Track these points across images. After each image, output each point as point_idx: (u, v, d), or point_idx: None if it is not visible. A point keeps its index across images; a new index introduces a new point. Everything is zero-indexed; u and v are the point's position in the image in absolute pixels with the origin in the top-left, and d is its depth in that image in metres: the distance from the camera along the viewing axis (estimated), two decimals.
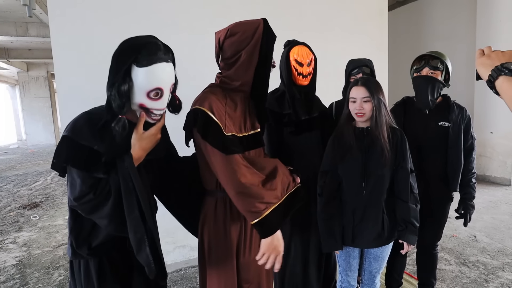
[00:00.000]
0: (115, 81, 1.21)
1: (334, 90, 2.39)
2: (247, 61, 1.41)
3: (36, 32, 9.04)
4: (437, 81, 2.04)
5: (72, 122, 1.23)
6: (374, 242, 1.81)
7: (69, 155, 1.19)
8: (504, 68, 0.85)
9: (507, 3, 5.19)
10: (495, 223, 4.00)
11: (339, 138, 1.81)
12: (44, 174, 8.69)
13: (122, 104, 1.21)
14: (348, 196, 1.80)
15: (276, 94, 1.99)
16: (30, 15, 5.75)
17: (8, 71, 15.24)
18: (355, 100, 1.73)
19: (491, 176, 5.69)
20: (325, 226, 1.82)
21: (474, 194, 2.16)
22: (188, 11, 3.04)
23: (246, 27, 1.41)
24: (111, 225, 1.24)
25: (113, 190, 1.22)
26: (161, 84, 1.25)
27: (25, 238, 4.31)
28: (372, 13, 3.97)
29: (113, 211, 1.22)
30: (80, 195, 1.19)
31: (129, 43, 1.25)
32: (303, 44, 1.91)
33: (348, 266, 1.91)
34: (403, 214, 1.77)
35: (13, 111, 19.86)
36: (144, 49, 1.21)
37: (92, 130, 1.22)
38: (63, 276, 3.21)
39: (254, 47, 1.39)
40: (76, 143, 1.19)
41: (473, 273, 2.90)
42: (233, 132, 1.41)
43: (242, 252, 1.51)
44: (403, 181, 1.77)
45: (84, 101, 2.70)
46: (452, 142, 2.07)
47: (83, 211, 1.23)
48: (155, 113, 1.29)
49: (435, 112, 2.10)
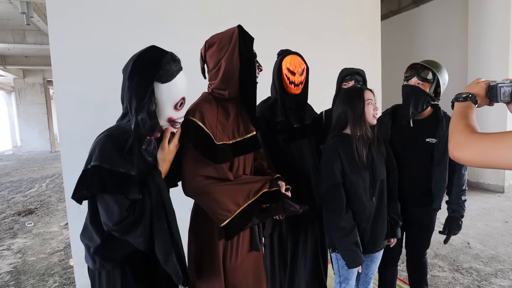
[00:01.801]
0: (144, 104, 1.21)
1: (327, 99, 2.42)
2: (229, 68, 1.44)
3: (33, 40, 9.07)
4: (423, 93, 1.94)
5: (99, 150, 1.21)
6: (381, 245, 1.86)
7: (103, 183, 1.18)
8: (455, 97, 1.08)
9: (498, 11, 5.29)
10: (488, 230, 4.04)
11: (346, 148, 1.76)
12: (39, 181, 8.65)
13: (154, 125, 1.25)
14: (360, 206, 1.76)
15: (268, 102, 2.02)
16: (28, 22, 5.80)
17: (4, 77, 15.20)
18: (370, 102, 1.74)
19: (485, 183, 5.74)
20: (347, 241, 1.73)
21: (463, 213, 2.03)
22: (185, 20, 3.09)
23: (222, 35, 1.47)
24: (146, 243, 1.27)
25: (147, 208, 1.25)
26: (184, 93, 1.31)
27: (19, 245, 4.29)
28: (366, 22, 4.05)
29: (147, 229, 1.25)
30: (121, 218, 1.20)
31: (144, 61, 1.24)
32: (296, 54, 1.94)
33: (350, 274, 1.86)
34: (395, 210, 1.89)
35: (8, 117, 19.76)
36: (163, 65, 1.23)
37: (122, 155, 1.21)
38: (58, 283, 3.20)
39: (232, 52, 1.43)
40: (108, 171, 1.19)
41: (466, 280, 2.92)
42: (224, 141, 1.46)
43: (229, 257, 1.53)
44: (393, 181, 1.90)
45: (82, 107, 2.74)
46: (437, 159, 1.99)
47: (121, 233, 1.24)
48: (178, 122, 1.34)
49: (422, 126, 2.03)
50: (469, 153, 0.87)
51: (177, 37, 3.05)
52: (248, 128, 1.56)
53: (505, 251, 3.45)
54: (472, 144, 0.87)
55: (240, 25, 1.47)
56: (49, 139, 15.71)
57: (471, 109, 1.01)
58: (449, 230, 2.03)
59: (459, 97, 1.07)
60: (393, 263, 2.23)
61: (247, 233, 1.60)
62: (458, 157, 0.89)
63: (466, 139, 0.89)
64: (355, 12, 3.97)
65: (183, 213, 1.66)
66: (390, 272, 2.26)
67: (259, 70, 1.57)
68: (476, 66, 5.66)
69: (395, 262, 2.25)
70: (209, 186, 1.41)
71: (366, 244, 1.79)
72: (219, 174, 1.44)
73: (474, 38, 5.68)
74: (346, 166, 1.74)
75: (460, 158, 0.89)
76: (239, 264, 1.53)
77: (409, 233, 2.18)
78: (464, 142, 0.89)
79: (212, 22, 3.17)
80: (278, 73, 1.93)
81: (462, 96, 1.06)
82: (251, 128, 1.57)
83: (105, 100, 2.76)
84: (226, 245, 1.53)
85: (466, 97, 1.05)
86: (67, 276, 3.33)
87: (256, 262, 1.66)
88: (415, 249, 2.22)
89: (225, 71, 1.45)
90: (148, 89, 1.21)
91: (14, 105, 17.62)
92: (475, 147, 0.86)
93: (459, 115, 1.00)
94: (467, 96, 1.05)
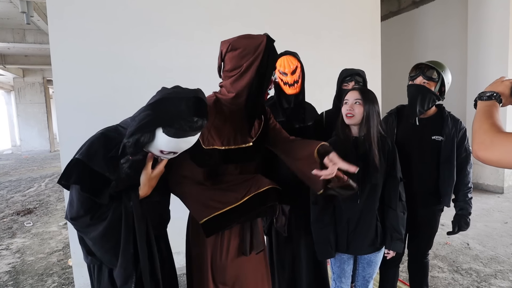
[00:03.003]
0: (137, 134, 1.17)
1: (327, 99, 2.42)
2: (243, 76, 1.40)
3: (33, 39, 9.07)
4: (429, 92, 1.99)
5: (88, 145, 1.24)
6: (368, 248, 1.85)
7: (78, 177, 1.20)
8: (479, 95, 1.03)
9: (497, 12, 5.30)
10: (487, 230, 4.04)
11: (334, 147, 1.81)
12: (38, 180, 8.64)
13: (135, 152, 1.20)
14: (344, 204, 1.82)
15: (270, 102, 2.03)
16: (28, 22, 5.79)
17: (4, 76, 15.18)
18: (347, 102, 1.79)
19: (484, 184, 5.74)
20: (320, 234, 1.85)
21: (470, 210, 2.07)
22: (185, 20, 3.09)
23: (248, 43, 1.40)
24: (95, 248, 1.29)
25: (108, 218, 1.24)
26: (178, 150, 1.25)
27: (18, 245, 4.28)
28: (366, 23, 4.04)
29: (100, 237, 1.25)
30: (77, 215, 1.22)
31: (168, 106, 1.18)
32: (288, 54, 1.94)
33: (342, 272, 1.93)
34: (392, 222, 1.82)
35: (7, 116, 19.74)
36: (177, 123, 1.15)
37: (106, 157, 1.22)
38: (56, 283, 3.19)
39: (252, 63, 1.39)
40: (87, 168, 1.20)
41: (466, 281, 2.92)
42: (214, 146, 1.44)
43: (219, 255, 1.54)
44: (393, 190, 1.82)
45: (82, 107, 2.73)
46: (444, 157, 2.02)
47: (76, 228, 1.28)
48: (166, 156, 1.28)
49: (428, 124, 2.06)
50: (495, 153, 0.84)
51: (176, 37, 3.05)
52: (245, 139, 1.53)
53: (505, 252, 3.45)
54: (499, 144, 0.84)
55: (269, 37, 1.42)
56: (48, 138, 15.70)
57: (496, 108, 0.97)
58: (458, 227, 2.06)
59: (483, 95, 1.02)
60: (395, 264, 2.23)
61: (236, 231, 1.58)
62: (483, 158, 0.86)
63: (492, 139, 0.86)
64: (355, 12, 3.97)
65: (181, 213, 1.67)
66: (391, 273, 2.27)
67: (271, 86, 1.58)
68: (475, 67, 5.67)
69: (397, 264, 2.25)
70: (185, 186, 1.44)
71: (347, 243, 1.83)
72: (195, 176, 1.44)
73: (474, 39, 5.68)
74: None
75: (485, 158, 0.86)
76: (229, 263, 1.55)
77: (413, 233, 2.19)
78: (490, 142, 0.85)
79: (213, 22, 3.18)
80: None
81: (486, 95, 1.01)
82: (248, 139, 1.54)
83: (105, 100, 2.76)
84: (215, 244, 1.54)
85: (491, 95, 1.00)
86: (66, 276, 3.33)
87: (256, 262, 1.65)
88: (418, 249, 2.24)
89: (239, 78, 1.41)
90: (150, 128, 1.17)
91: (13, 104, 17.60)
92: (503, 147, 0.83)
93: (484, 114, 0.95)
94: (491, 95, 1.00)
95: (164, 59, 3.00)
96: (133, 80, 2.85)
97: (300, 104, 2.01)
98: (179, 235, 1.68)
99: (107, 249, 1.28)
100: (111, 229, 1.25)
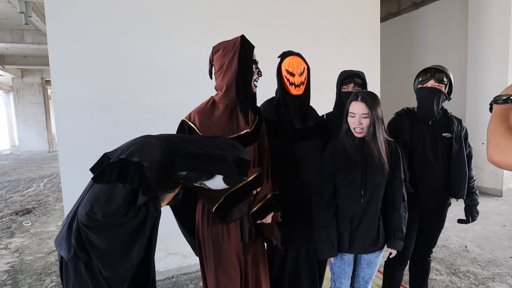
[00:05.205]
0: (203, 174, 1.44)
1: (327, 101, 2.42)
2: (229, 71, 1.64)
3: (31, 39, 9.07)
4: (442, 93, 2.09)
5: (149, 152, 1.28)
6: (370, 248, 1.86)
7: (133, 179, 1.24)
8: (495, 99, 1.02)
9: (498, 14, 5.30)
10: (486, 233, 4.04)
11: (339, 148, 1.84)
12: (37, 180, 8.64)
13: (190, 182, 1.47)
14: (347, 203, 1.83)
15: (273, 102, 2.04)
16: (27, 22, 5.79)
17: (3, 77, 15.18)
18: (354, 115, 1.78)
19: (483, 187, 5.74)
20: (322, 233, 1.85)
21: (478, 200, 2.23)
22: (184, 21, 3.09)
23: (227, 43, 1.67)
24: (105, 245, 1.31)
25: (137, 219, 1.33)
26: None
27: (17, 244, 4.28)
28: (365, 24, 4.04)
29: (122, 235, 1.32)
30: (117, 208, 1.26)
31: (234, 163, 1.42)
32: (296, 55, 1.95)
33: (342, 273, 1.93)
34: (396, 222, 1.84)
35: (6, 117, 19.72)
36: (236, 178, 1.45)
37: (159, 169, 1.28)
38: (55, 283, 3.19)
39: (233, 58, 1.63)
40: (144, 174, 1.24)
41: (464, 283, 2.92)
42: None
43: (222, 239, 1.69)
44: (397, 190, 1.85)
45: (80, 107, 2.73)
46: (456, 152, 2.13)
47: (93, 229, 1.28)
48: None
49: (437, 123, 2.16)
50: (511, 157, 0.82)
51: (175, 37, 3.04)
52: (241, 127, 1.71)
53: (503, 255, 3.45)
54: None
55: (243, 35, 1.66)
56: (47, 138, 15.69)
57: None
58: (471, 217, 2.21)
59: (498, 99, 1.00)
60: (402, 268, 2.27)
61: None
62: (498, 161, 0.84)
63: (507, 143, 0.84)
64: (355, 14, 3.97)
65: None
66: (398, 276, 2.30)
67: (258, 76, 1.72)
68: (475, 69, 5.66)
69: (404, 267, 2.28)
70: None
71: (349, 243, 1.84)
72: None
73: (474, 41, 5.68)
74: (338, 165, 1.83)
75: (500, 162, 0.84)
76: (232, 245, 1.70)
77: (420, 230, 2.22)
78: (505, 146, 0.84)
79: (211, 23, 3.18)
80: (278, 76, 1.96)
81: (502, 98, 0.99)
82: (244, 126, 1.71)
83: (103, 101, 2.75)
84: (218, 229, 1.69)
85: (507, 99, 0.99)
86: None
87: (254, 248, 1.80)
88: (423, 246, 2.27)
89: (226, 73, 1.65)
90: (211, 176, 1.44)
91: (12, 104, 17.57)
92: None
93: (499, 117, 0.94)
94: (507, 98, 0.99)
95: (163, 60, 2.99)
96: (131, 80, 2.84)
97: (304, 105, 2.02)
98: (175, 236, 1.68)
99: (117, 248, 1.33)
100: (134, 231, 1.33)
